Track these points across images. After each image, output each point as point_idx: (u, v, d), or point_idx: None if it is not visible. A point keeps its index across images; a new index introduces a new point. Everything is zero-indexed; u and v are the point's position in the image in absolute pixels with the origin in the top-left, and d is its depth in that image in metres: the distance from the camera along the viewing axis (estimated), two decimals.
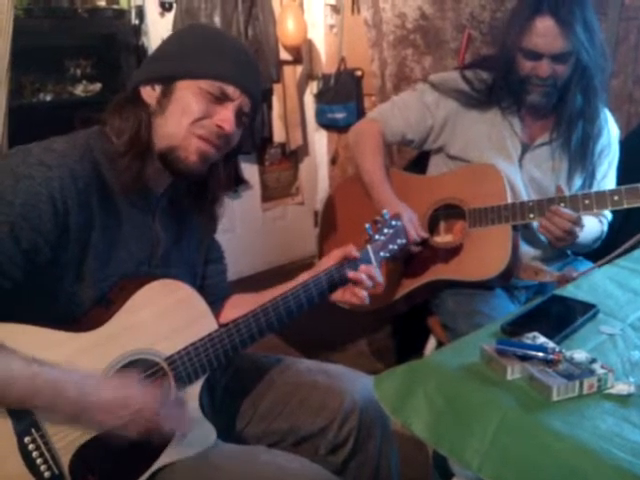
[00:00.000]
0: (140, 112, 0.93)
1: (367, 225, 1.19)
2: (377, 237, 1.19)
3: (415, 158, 1.79)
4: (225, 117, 0.92)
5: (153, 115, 0.93)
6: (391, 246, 1.21)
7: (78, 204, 0.85)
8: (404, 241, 1.26)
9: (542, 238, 1.48)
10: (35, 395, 0.77)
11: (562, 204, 1.34)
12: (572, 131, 1.44)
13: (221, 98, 0.92)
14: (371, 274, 1.09)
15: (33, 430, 0.80)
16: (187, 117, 0.91)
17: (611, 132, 1.51)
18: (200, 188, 1.03)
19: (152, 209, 1.00)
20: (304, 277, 1.08)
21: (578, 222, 1.32)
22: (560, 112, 1.45)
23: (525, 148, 1.49)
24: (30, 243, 0.81)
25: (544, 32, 1.32)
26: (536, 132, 1.50)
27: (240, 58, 0.96)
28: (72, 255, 0.86)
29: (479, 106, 1.50)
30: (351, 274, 1.09)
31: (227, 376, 1.13)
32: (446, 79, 1.55)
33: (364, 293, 1.09)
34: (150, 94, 0.94)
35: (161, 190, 1.00)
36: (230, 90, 0.92)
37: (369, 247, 1.16)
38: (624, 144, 1.56)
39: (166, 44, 1.00)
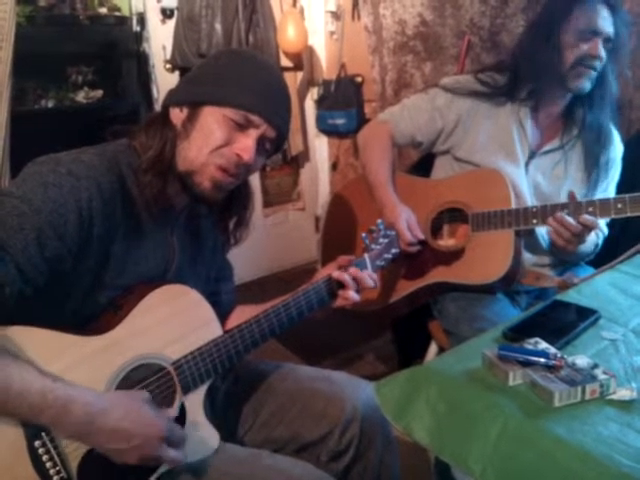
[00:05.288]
0: (166, 132, 0.94)
1: (363, 235, 1.23)
2: (373, 246, 1.22)
3: (418, 162, 1.79)
4: (245, 146, 0.92)
5: (178, 137, 0.94)
6: (386, 255, 1.25)
7: (103, 215, 0.86)
8: (398, 250, 1.30)
9: (543, 244, 1.49)
10: (43, 411, 0.77)
11: (565, 211, 1.34)
12: (583, 132, 1.46)
13: (244, 125, 0.93)
14: (357, 276, 1.11)
15: (43, 434, 0.80)
16: (208, 144, 0.92)
17: (617, 148, 1.52)
18: (224, 209, 1.05)
19: (171, 224, 1.00)
20: (304, 287, 1.09)
21: (578, 234, 1.32)
22: (575, 113, 1.46)
23: (532, 154, 1.49)
24: (54, 252, 0.81)
25: (601, 13, 1.37)
26: (546, 137, 1.50)
27: (270, 91, 0.95)
28: (90, 264, 0.87)
29: (492, 107, 1.50)
30: (336, 274, 1.10)
31: (227, 383, 1.13)
32: (459, 81, 1.56)
33: (350, 294, 1.10)
34: (178, 116, 0.95)
35: (181, 206, 1.01)
36: (254, 118, 0.93)
37: (366, 256, 1.18)
38: (624, 150, 1.56)
39: (200, 67, 0.99)
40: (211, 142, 0.92)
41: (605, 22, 1.37)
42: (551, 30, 1.40)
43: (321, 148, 3.18)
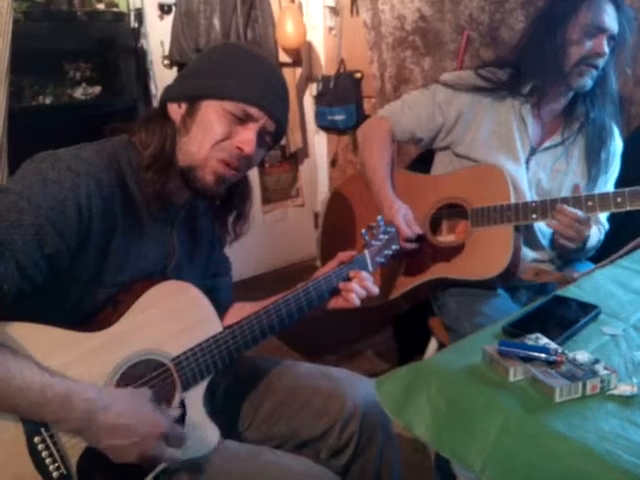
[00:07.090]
0: (166, 127, 0.94)
1: (363, 231, 1.22)
2: (373, 243, 1.22)
3: (417, 158, 1.79)
4: (245, 139, 0.92)
5: (177, 132, 0.94)
6: (386, 252, 1.25)
7: (102, 212, 0.86)
8: (397, 247, 1.30)
9: (542, 240, 1.48)
10: (43, 407, 0.77)
11: (564, 205, 1.33)
12: (586, 127, 1.46)
13: (244, 119, 0.93)
14: (364, 285, 1.10)
15: (42, 430, 0.80)
16: (209, 139, 0.92)
17: (617, 144, 1.52)
18: (223, 204, 1.05)
19: (171, 220, 1.00)
20: (305, 284, 1.09)
21: (584, 221, 1.31)
22: (576, 109, 1.46)
23: (533, 150, 1.49)
24: (53, 248, 0.81)
25: (607, 10, 1.37)
26: (547, 133, 1.50)
27: (269, 83, 0.95)
28: (89, 261, 0.87)
29: (493, 103, 1.50)
30: (341, 285, 1.10)
31: (227, 379, 1.13)
32: (460, 76, 1.55)
33: (353, 296, 1.09)
34: (176, 111, 0.95)
35: (181, 202, 1.01)
36: (254, 111, 0.93)
37: (366, 252, 1.18)
38: (624, 145, 1.56)
39: (197, 62, 0.99)
40: (212, 136, 0.92)
41: (610, 19, 1.36)
42: (557, 26, 1.39)
43: (320, 144, 3.17)
